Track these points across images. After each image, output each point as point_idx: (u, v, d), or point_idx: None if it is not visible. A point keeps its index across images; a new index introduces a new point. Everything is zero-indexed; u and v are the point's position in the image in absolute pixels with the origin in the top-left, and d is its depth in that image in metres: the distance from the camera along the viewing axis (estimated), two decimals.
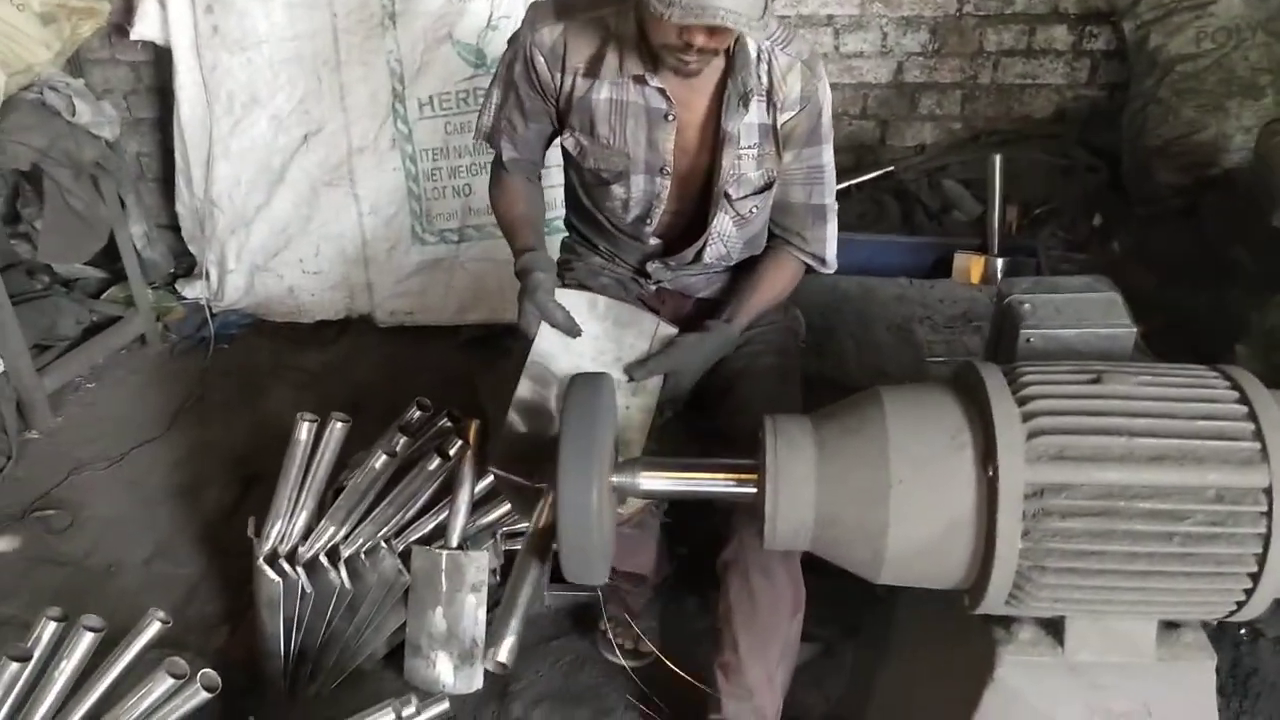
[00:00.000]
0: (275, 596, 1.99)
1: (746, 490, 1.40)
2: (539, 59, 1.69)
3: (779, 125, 1.70)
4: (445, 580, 2.04)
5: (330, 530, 2.02)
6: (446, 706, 1.82)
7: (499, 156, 1.86)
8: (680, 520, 2.05)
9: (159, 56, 3.49)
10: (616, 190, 1.76)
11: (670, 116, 1.67)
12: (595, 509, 1.30)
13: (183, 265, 3.64)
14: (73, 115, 2.75)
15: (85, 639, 1.56)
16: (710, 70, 1.63)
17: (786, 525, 1.35)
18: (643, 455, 1.61)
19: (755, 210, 1.77)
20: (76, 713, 1.60)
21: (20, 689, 1.56)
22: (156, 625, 1.62)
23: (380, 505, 2.04)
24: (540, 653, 2.12)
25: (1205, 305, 2.68)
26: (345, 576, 2.01)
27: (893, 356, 2.30)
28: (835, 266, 1.88)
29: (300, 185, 3.22)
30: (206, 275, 3.41)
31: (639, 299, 1.91)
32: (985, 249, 2.82)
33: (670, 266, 1.85)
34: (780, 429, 1.37)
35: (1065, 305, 1.50)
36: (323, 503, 2.05)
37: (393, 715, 1.72)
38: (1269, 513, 1.20)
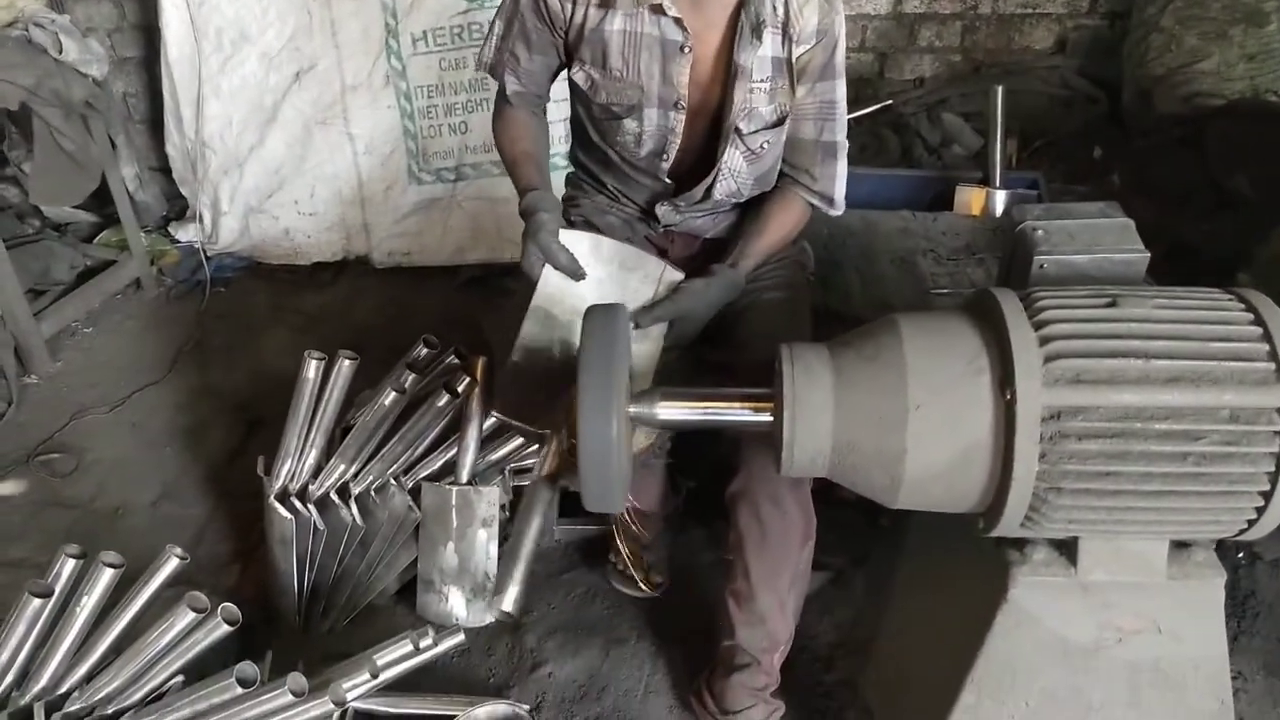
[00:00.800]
0: (288, 534, 2.00)
1: (763, 419, 1.40)
2: None
3: (794, 58, 1.66)
4: (456, 516, 2.05)
5: (340, 468, 2.03)
6: (462, 638, 1.85)
7: (502, 89, 1.81)
8: (687, 453, 2.06)
9: None
10: (629, 125, 1.72)
11: (686, 48, 1.63)
12: (615, 438, 1.31)
13: (175, 208, 3.60)
14: (60, 53, 2.70)
15: (105, 575, 1.57)
16: (725, 1, 1.60)
17: (804, 452, 1.36)
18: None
19: (766, 145, 1.73)
20: (99, 647, 1.62)
21: (43, 624, 1.58)
22: (175, 561, 1.63)
23: (390, 442, 2.05)
24: (552, 585, 2.15)
25: (1205, 235, 2.68)
26: (356, 513, 2.02)
27: (897, 289, 2.29)
28: (843, 208, 1.84)
29: (293, 124, 3.18)
30: (200, 218, 3.37)
31: (646, 239, 1.89)
32: (986, 182, 2.80)
33: (679, 208, 1.82)
34: (797, 357, 1.37)
35: (1078, 231, 1.49)
36: (331, 441, 2.06)
37: (410, 646, 1.74)
38: None
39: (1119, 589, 1.37)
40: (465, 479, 2.05)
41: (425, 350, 2.12)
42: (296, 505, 2.00)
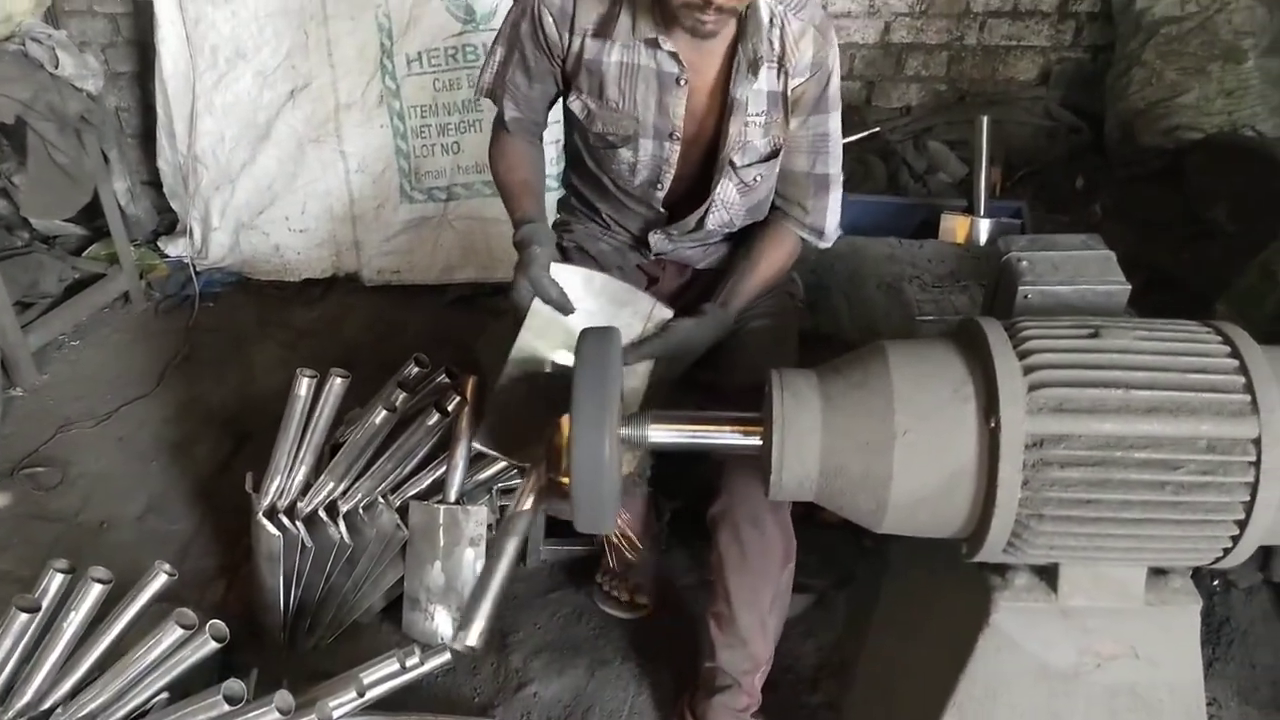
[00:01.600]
0: (275, 551, 2.01)
1: (752, 442, 1.42)
2: (547, 18, 1.65)
3: (789, 91, 1.68)
4: (443, 535, 2.06)
5: (329, 485, 2.03)
6: (448, 657, 1.85)
7: (500, 115, 1.82)
8: (670, 475, 2.08)
9: (138, 8, 3.44)
10: (624, 154, 1.74)
11: (682, 81, 1.65)
12: (608, 459, 1.33)
13: (165, 222, 3.61)
14: (56, 67, 2.71)
15: (94, 590, 1.57)
16: (721, 35, 1.61)
17: (792, 476, 1.38)
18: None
19: (759, 178, 1.75)
20: (84, 663, 1.62)
21: (29, 639, 1.58)
22: (162, 577, 1.63)
23: (379, 460, 2.06)
24: (538, 605, 2.16)
25: (1185, 264, 2.73)
26: (344, 531, 2.03)
27: (884, 314, 2.33)
28: (833, 240, 1.85)
29: (286, 142, 3.20)
30: (190, 233, 3.38)
31: (638, 267, 1.91)
32: (971, 210, 2.84)
33: (672, 236, 1.84)
34: (786, 382, 1.39)
35: (1062, 262, 1.52)
36: (321, 458, 2.06)
37: (397, 665, 1.74)
38: (1257, 462, 1.24)
39: (1098, 614, 1.39)
40: (453, 498, 2.06)
41: (416, 369, 2.13)
42: (285, 522, 2.01)
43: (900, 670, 1.73)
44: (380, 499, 2.06)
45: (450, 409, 2.05)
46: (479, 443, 1.69)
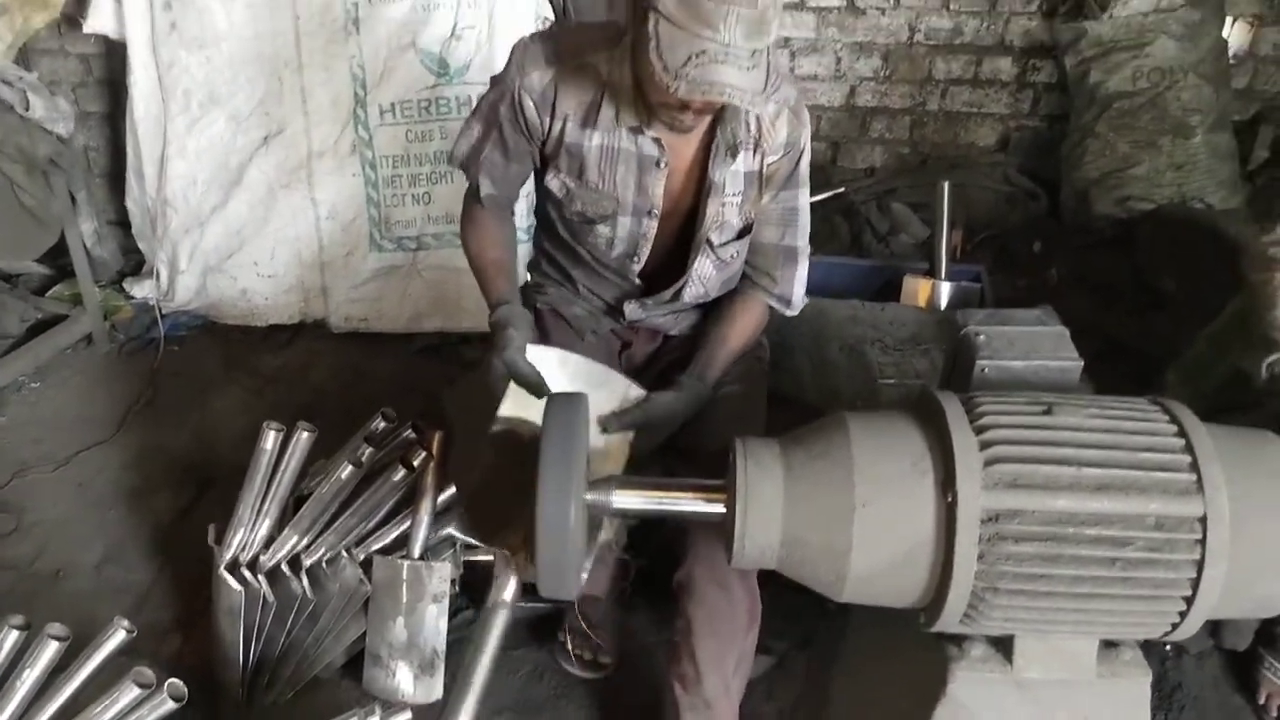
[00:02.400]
0: (236, 605, 1.99)
1: (715, 509, 1.45)
2: (528, 103, 1.66)
3: (764, 169, 1.72)
4: (406, 590, 2.06)
5: (293, 539, 2.02)
6: (409, 715, 1.84)
7: (475, 189, 1.81)
8: (636, 533, 2.10)
9: (110, 49, 3.45)
10: (602, 230, 1.76)
11: (662, 164, 1.67)
12: (572, 524, 1.35)
13: (130, 263, 3.59)
14: (26, 110, 2.71)
15: (50, 648, 1.55)
16: (701, 121, 1.64)
17: (754, 545, 1.40)
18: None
19: (735, 255, 1.79)
20: None
21: None
22: (121, 635, 1.61)
23: (343, 515, 2.05)
24: (499, 663, 2.14)
25: (1135, 331, 2.81)
26: (307, 585, 2.02)
27: (846, 377, 2.38)
28: (799, 309, 1.89)
29: (258, 187, 3.20)
30: (157, 275, 3.36)
31: (612, 332, 1.94)
32: (932, 273, 2.91)
33: (646, 306, 1.86)
34: (750, 451, 1.42)
35: (1017, 338, 1.58)
36: (285, 511, 2.06)
37: None
38: (1203, 540, 1.29)
39: (1051, 686, 1.43)
40: (417, 554, 2.06)
41: (383, 423, 2.14)
42: (246, 576, 1.99)
43: None
44: (344, 553, 2.06)
45: (416, 464, 2.06)
46: (455, 530, 1.68)
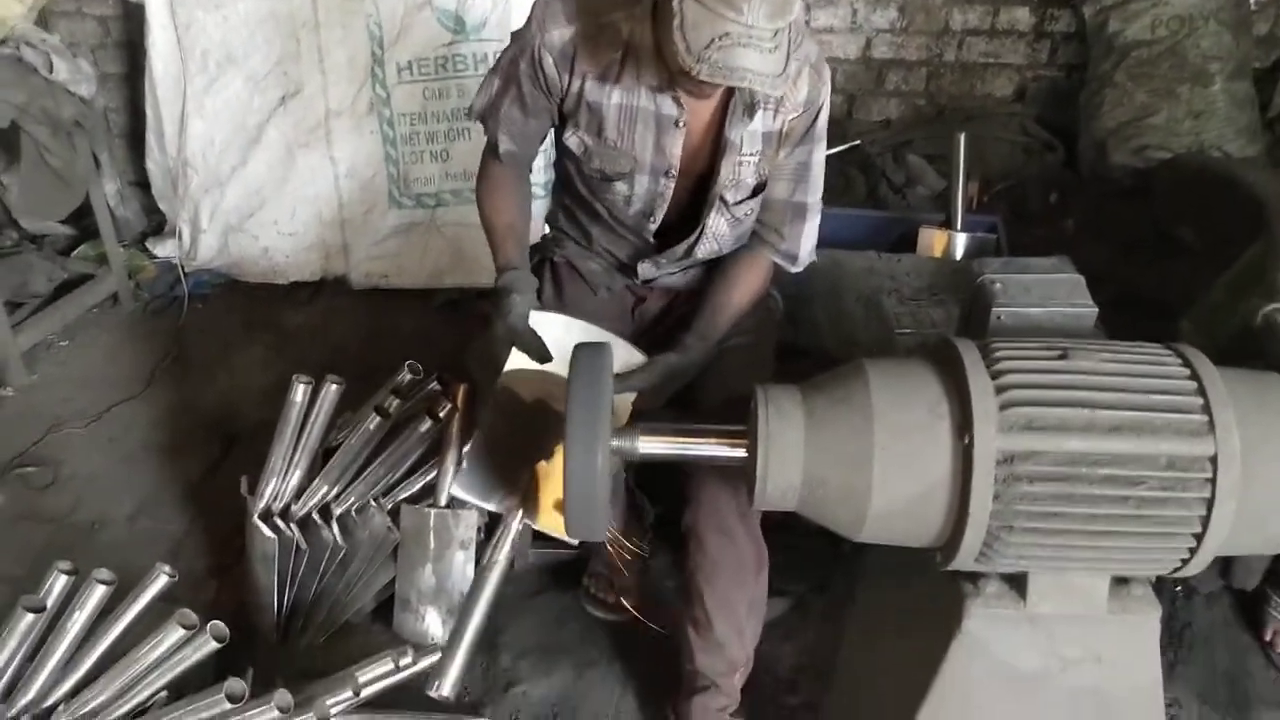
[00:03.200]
0: (270, 552, 2.05)
1: (738, 454, 1.49)
2: (548, 60, 1.66)
3: (783, 128, 1.71)
4: (434, 538, 2.12)
5: (323, 489, 2.08)
6: (440, 657, 1.91)
7: (493, 145, 1.81)
8: (654, 482, 2.15)
9: (128, 11, 3.47)
10: (619, 187, 1.76)
11: (681, 123, 1.67)
12: (600, 470, 1.39)
13: (153, 223, 3.63)
14: (50, 72, 2.74)
15: (97, 591, 1.62)
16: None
17: (775, 487, 1.44)
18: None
19: (750, 213, 1.80)
20: (86, 662, 1.66)
21: (33, 638, 1.62)
22: (163, 579, 1.68)
23: (372, 465, 2.11)
24: (526, 608, 2.21)
25: (1153, 281, 2.81)
26: (337, 533, 2.08)
27: (863, 327, 2.40)
28: (804, 266, 1.89)
29: (276, 146, 3.23)
30: (179, 235, 3.41)
31: (626, 288, 1.96)
32: (948, 224, 2.92)
33: (660, 264, 1.87)
34: (771, 398, 1.46)
35: (1034, 285, 1.60)
36: (315, 462, 2.11)
37: (391, 665, 1.80)
38: (1213, 479, 1.31)
39: (1063, 621, 1.46)
40: (444, 502, 2.12)
41: (409, 375, 2.19)
42: (279, 524, 2.05)
43: (875, 673, 1.80)
44: (372, 502, 2.12)
45: (442, 415, 2.11)
46: (457, 490, 1.72)
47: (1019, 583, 1.47)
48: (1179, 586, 2.18)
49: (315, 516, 2.09)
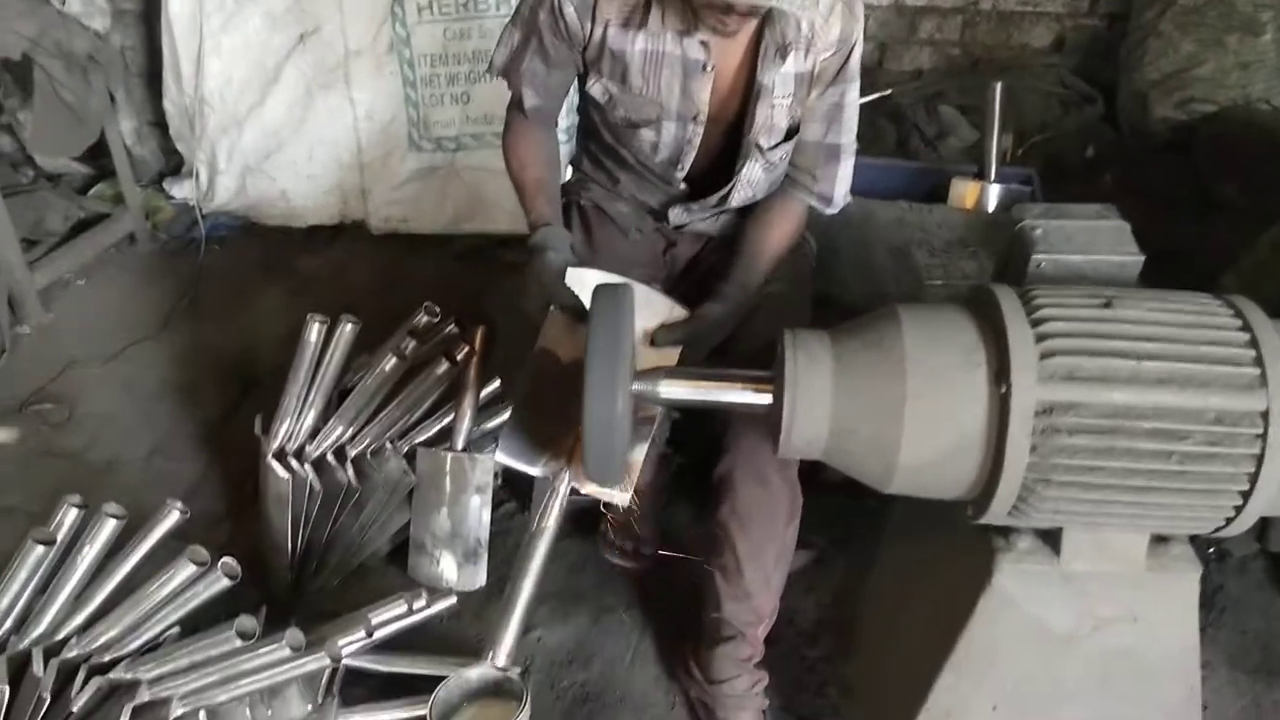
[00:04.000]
0: (284, 493, 2.03)
1: (763, 400, 1.44)
2: (568, 9, 1.61)
3: (815, 68, 1.66)
4: (450, 482, 2.09)
5: (338, 430, 2.05)
6: (454, 601, 1.89)
7: (518, 101, 1.78)
8: (676, 429, 2.10)
9: None
10: (646, 134, 1.72)
11: (708, 67, 1.62)
12: (619, 413, 1.34)
13: (170, 163, 3.59)
14: (63, 4, 2.68)
15: (108, 525, 1.59)
16: (749, 22, 1.57)
17: (801, 435, 1.39)
18: None
19: (784, 157, 1.75)
20: (97, 597, 1.64)
21: (44, 572, 1.60)
22: (175, 515, 1.65)
23: (388, 407, 2.08)
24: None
25: (1193, 239, 2.73)
26: (352, 475, 2.06)
27: (892, 279, 2.34)
28: (840, 208, 1.84)
29: (295, 86, 3.17)
30: (196, 175, 3.36)
31: (656, 231, 1.90)
32: (981, 176, 2.83)
33: (691, 211, 1.83)
34: (800, 342, 1.41)
35: (1076, 232, 1.53)
36: (329, 403, 2.08)
37: (404, 607, 1.77)
38: (1264, 435, 1.26)
39: (1098, 579, 1.42)
40: (461, 446, 2.09)
41: (426, 318, 2.15)
42: (293, 465, 2.03)
43: (899, 628, 1.76)
44: (388, 444, 2.09)
45: (459, 358, 2.07)
46: (500, 456, 1.68)
47: (1053, 538, 1.42)
48: (1212, 549, 2.13)
49: (330, 458, 2.06)
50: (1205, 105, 2.99)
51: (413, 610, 1.77)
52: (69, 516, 1.62)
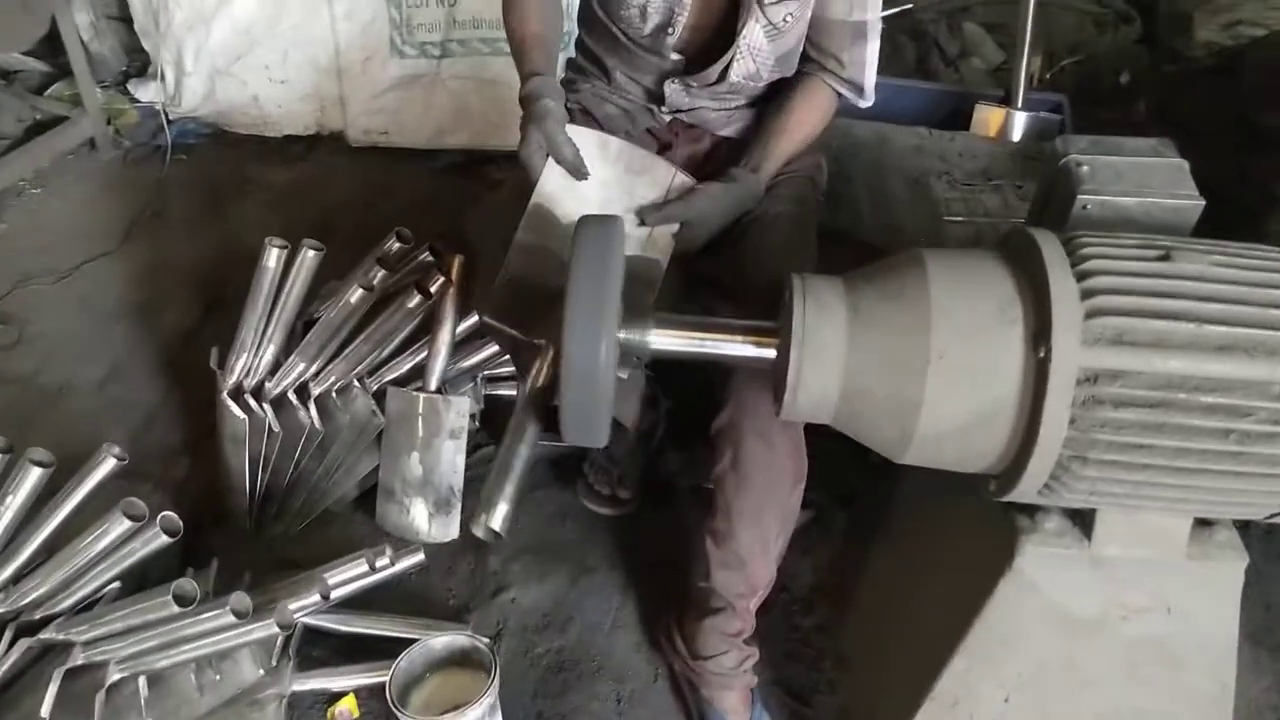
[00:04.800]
0: (240, 433, 1.87)
1: (766, 354, 1.28)
2: None
3: None
4: (422, 425, 1.94)
5: (300, 366, 1.89)
6: (421, 558, 1.75)
7: None
8: (667, 372, 1.93)
9: None
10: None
11: None
12: (602, 366, 1.18)
13: (135, 64, 3.35)
14: None
15: (31, 475, 1.43)
16: None
17: (808, 396, 1.23)
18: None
19: (790, 19, 1.55)
20: (25, 549, 1.49)
21: None
22: (111, 462, 1.49)
23: (354, 342, 1.91)
24: (520, 503, 2.03)
25: (1233, 174, 2.54)
26: (315, 416, 1.90)
27: (908, 211, 2.15)
28: (872, 99, 1.68)
29: None
30: (161, 76, 3.13)
31: (649, 131, 1.72)
32: (1008, 101, 2.62)
33: (690, 88, 1.65)
34: (809, 289, 1.23)
35: (1127, 170, 1.35)
36: (292, 336, 1.91)
37: (365, 566, 1.63)
38: None
39: (1132, 565, 1.27)
40: (434, 386, 1.93)
41: (397, 244, 1.96)
42: (251, 404, 1.87)
43: (906, 604, 1.62)
44: (355, 382, 1.93)
45: (433, 290, 1.89)
46: (485, 316, 1.53)
47: (1084, 519, 1.27)
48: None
49: (291, 396, 1.89)
50: (1254, 29, 2.79)
51: (375, 569, 1.64)
52: None
